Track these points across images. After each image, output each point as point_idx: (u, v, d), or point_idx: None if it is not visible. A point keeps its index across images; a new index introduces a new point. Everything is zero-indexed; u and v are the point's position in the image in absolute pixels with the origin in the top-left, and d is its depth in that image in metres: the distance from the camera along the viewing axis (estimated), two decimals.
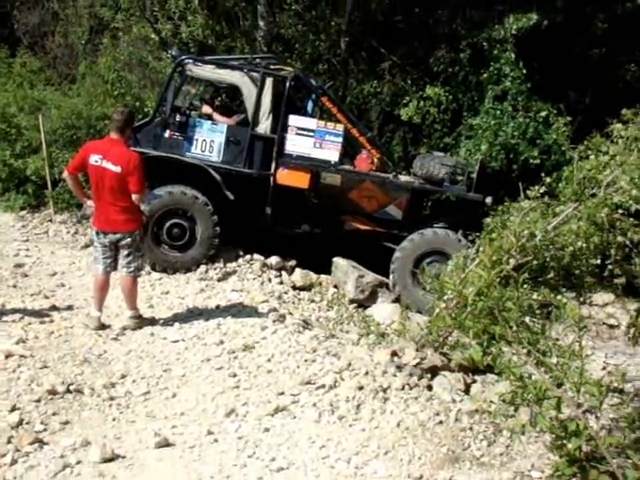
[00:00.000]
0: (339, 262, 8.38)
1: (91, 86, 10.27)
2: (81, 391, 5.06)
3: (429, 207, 8.65)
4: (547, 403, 3.87)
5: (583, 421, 3.74)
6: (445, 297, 5.63)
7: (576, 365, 3.99)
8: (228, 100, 9.11)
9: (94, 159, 5.98)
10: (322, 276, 8.42)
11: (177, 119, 8.07)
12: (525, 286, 5.29)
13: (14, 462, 4.10)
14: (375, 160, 8.37)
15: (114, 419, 4.76)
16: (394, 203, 8.39)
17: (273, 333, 6.33)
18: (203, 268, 8.02)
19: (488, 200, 8.01)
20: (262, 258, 8.39)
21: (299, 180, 8.10)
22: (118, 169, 5.90)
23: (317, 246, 8.39)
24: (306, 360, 5.77)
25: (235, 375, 5.49)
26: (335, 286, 8.31)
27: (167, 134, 8.10)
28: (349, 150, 8.40)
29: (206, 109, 8.57)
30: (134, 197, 6.00)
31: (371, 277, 8.14)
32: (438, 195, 8.46)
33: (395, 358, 5.78)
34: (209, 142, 8.14)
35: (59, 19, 12.42)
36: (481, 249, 5.96)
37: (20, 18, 12.50)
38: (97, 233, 6.23)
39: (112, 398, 5.02)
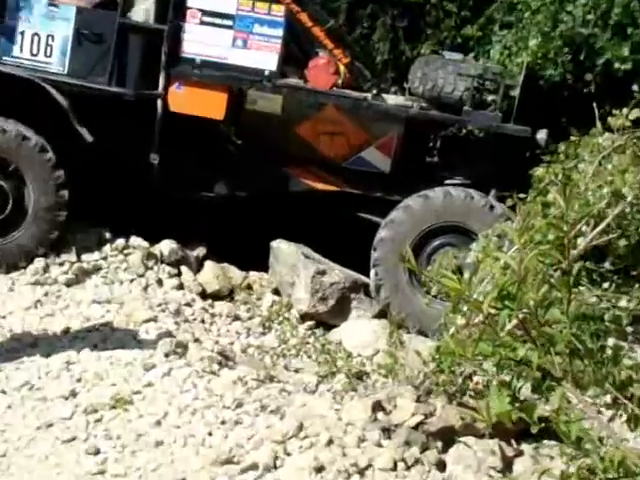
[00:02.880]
0: (282, 249, 7.47)
1: None
2: None
3: (438, 151, 7.70)
4: None
5: None
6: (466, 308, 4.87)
7: None
8: None
9: None
10: (252, 273, 7.62)
11: None
12: (605, 284, 5.13)
13: None
14: (342, 68, 7.24)
15: None
16: (376, 144, 7.40)
17: (165, 375, 5.71)
18: (40, 263, 6.99)
19: (540, 136, 7.16)
20: (146, 244, 7.36)
21: (208, 105, 7.12)
22: None
23: (242, 222, 7.54)
24: (224, 422, 5.22)
25: (98, 452, 4.93)
26: (275, 290, 7.52)
27: None
28: (297, 52, 7.40)
29: None
30: None
31: (337, 274, 7.24)
32: (453, 129, 7.74)
33: (380, 414, 5.34)
34: (45, 38, 7.03)
35: None
36: (526, 221, 5.08)
37: None
38: None
39: None
